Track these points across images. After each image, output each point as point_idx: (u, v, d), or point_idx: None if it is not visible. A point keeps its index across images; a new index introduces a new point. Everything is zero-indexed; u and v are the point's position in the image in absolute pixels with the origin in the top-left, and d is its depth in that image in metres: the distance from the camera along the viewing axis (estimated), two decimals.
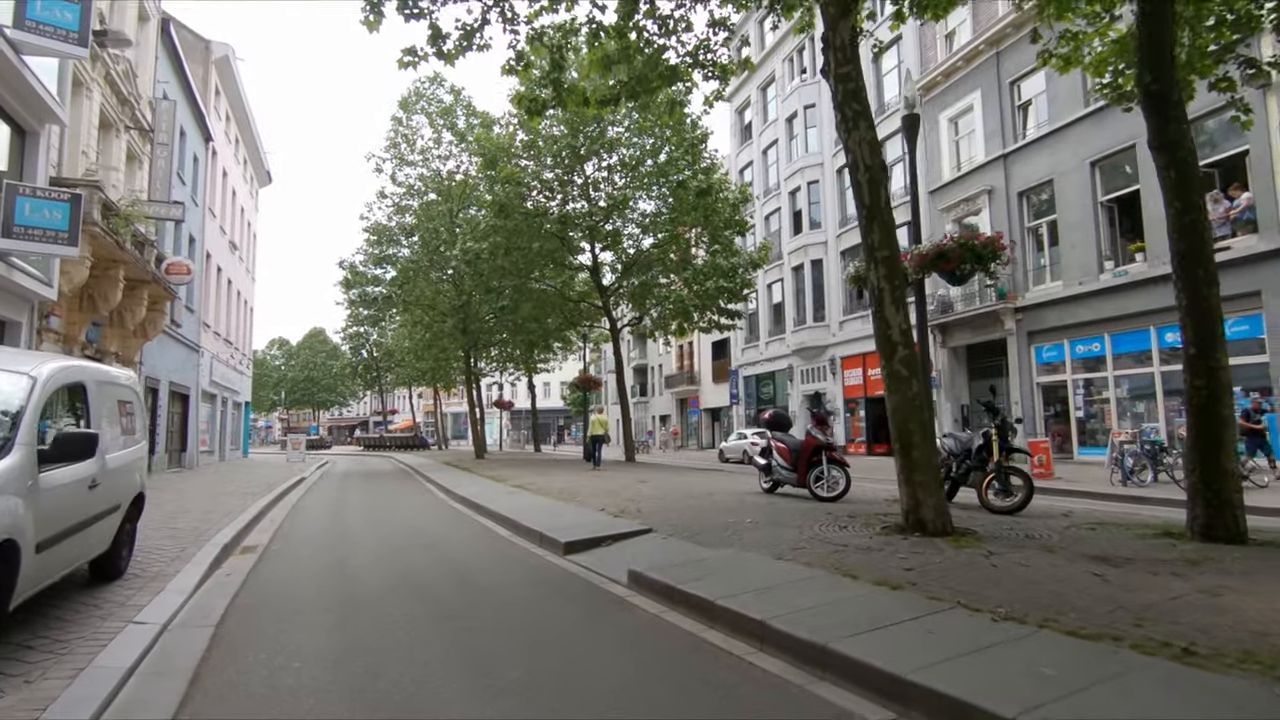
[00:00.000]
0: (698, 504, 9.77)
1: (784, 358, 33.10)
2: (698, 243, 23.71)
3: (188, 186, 22.73)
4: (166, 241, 20.22)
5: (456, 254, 21.70)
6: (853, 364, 28.63)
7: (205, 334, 25.84)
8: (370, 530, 9.59)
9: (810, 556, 5.80)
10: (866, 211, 6.78)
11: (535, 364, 34.12)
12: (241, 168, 32.21)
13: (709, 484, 13.48)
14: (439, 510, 11.87)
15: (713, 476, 16.17)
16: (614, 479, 15.11)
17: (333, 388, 70.83)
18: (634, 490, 12.18)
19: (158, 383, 19.79)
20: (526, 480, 15.27)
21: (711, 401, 41.37)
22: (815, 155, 30.85)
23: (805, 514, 8.20)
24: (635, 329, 29.09)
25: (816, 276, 30.62)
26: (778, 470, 10.33)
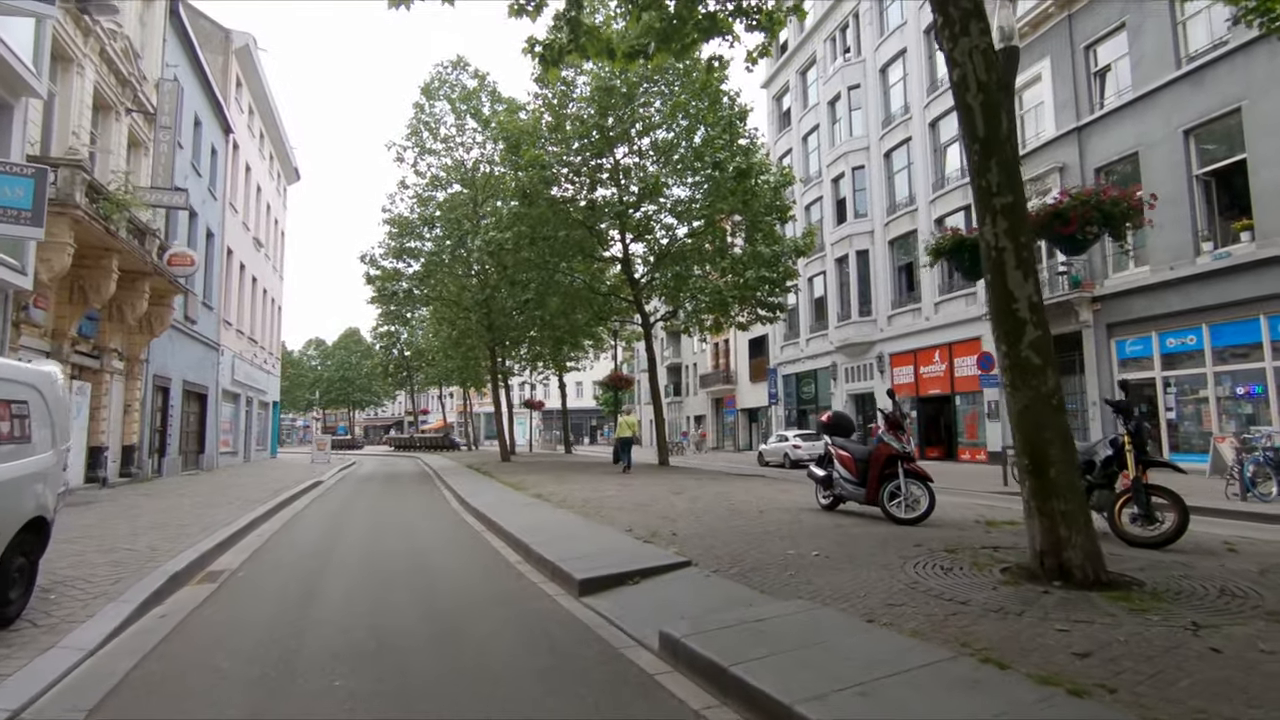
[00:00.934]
0: (745, 524, 8.08)
1: (826, 355, 31.09)
2: (735, 232, 21.94)
3: (204, 178, 21.81)
4: (179, 233, 19.24)
5: (479, 244, 20.31)
6: (902, 361, 26.53)
7: (226, 332, 24.97)
8: (360, 552, 8.12)
9: (917, 619, 4.09)
10: (980, 146, 5.02)
11: (564, 362, 32.64)
12: (267, 163, 31.45)
13: (754, 495, 11.75)
14: (447, 525, 10.39)
15: (755, 485, 14.43)
16: (645, 488, 13.48)
17: (367, 388, 70.64)
18: (667, 503, 10.52)
19: (168, 381, 18.80)
20: (548, 488, 13.74)
21: (748, 401, 39.48)
22: (860, 139, 28.82)
23: (886, 543, 6.45)
24: (669, 325, 27.38)
25: (862, 268, 28.58)
26: (840, 484, 8.58)
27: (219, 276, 23.84)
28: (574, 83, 20.36)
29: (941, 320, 24.26)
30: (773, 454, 26.76)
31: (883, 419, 8.31)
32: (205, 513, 10.89)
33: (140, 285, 14.88)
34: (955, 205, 23.65)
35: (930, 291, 24.90)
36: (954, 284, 24.08)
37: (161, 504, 11.98)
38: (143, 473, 16.94)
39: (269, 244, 32.40)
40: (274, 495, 14.34)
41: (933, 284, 24.78)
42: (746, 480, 15.86)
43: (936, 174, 24.96)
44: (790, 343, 34.73)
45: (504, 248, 20.06)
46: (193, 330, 20.78)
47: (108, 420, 15.25)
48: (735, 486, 13.64)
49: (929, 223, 24.95)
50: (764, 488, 13.47)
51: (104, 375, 14.79)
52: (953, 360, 24.01)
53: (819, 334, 31.97)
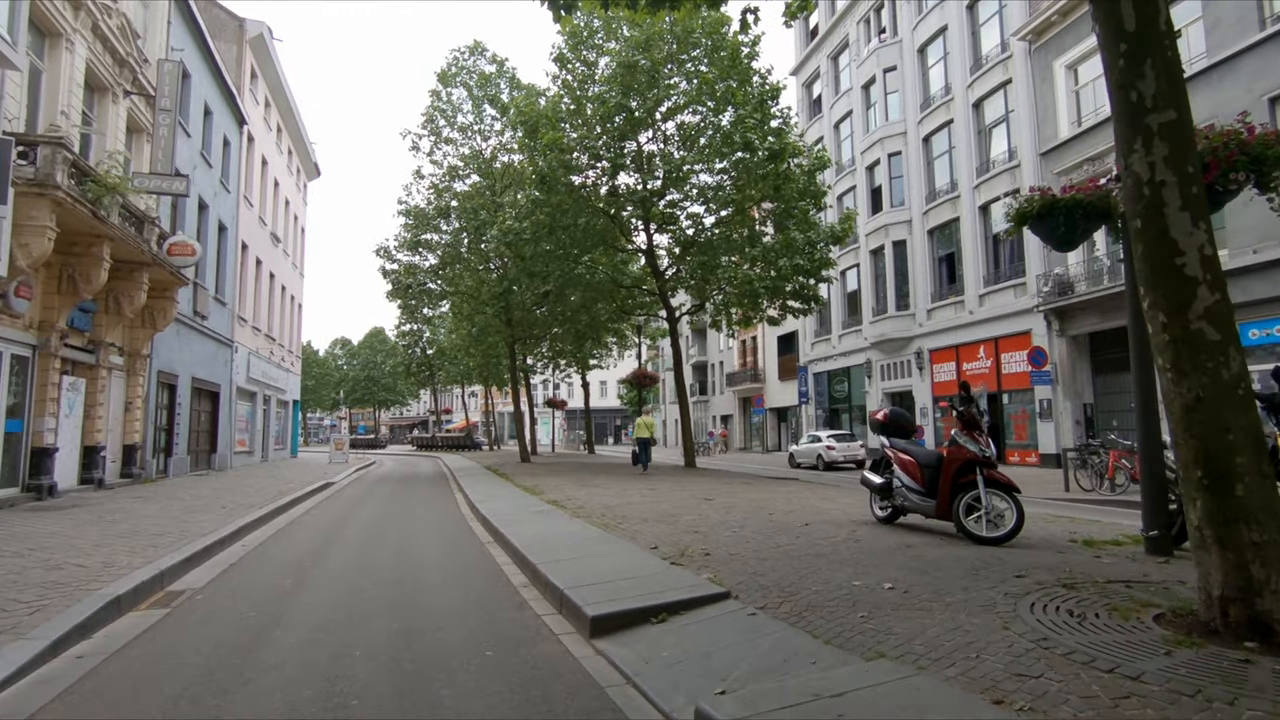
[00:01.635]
0: (791, 542, 6.81)
1: (860, 352, 29.56)
2: (766, 221, 20.61)
3: (215, 169, 21.08)
4: (187, 225, 18.48)
5: (495, 235, 19.23)
6: (943, 357, 24.94)
7: (241, 329, 24.28)
8: (344, 572, 7.02)
9: (1071, 703, 2.81)
10: (1128, 45, 3.69)
11: (587, 360, 31.51)
12: (285, 158, 30.83)
13: (794, 502, 10.45)
14: (451, 537, 9.27)
15: (793, 490, 13.11)
16: (671, 493, 12.24)
17: (392, 387, 70.43)
18: (697, 513, 9.28)
19: (175, 379, 18.03)
20: (566, 493, 12.57)
21: (778, 400, 38.02)
22: (897, 123, 27.27)
23: (975, 572, 5.14)
24: (694, 320, 26.09)
25: (899, 259, 27.03)
26: (902, 493, 7.26)
27: (233, 271, 23.13)
28: (595, 64, 19.22)
29: (987, 313, 22.65)
30: (805, 455, 25.37)
31: (954, 415, 6.97)
32: (192, 519, 9.91)
33: (138, 276, 14.05)
34: (1002, 190, 22.04)
35: (974, 283, 23.30)
36: (1000, 274, 22.47)
37: (150, 509, 11.05)
38: (146, 473, 16.15)
39: (288, 240, 31.80)
40: (277, 498, 13.39)
41: (977, 275, 23.18)
42: (782, 485, 14.54)
43: (981, 157, 23.35)
44: (821, 339, 33.23)
45: (522, 238, 18.97)
46: (203, 326, 20.04)
47: (105, 419, 14.45)
48: (772, 492, 12.33)
49: (973, 209, 23.37)
50: (804, 493, 12.14)
51: (100, 371, 13.97)
52: (999, 356, 22.39)
53: (852, 330, 30.44)
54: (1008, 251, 22.46)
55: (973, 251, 23.36)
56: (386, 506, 12.97)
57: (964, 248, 23.82)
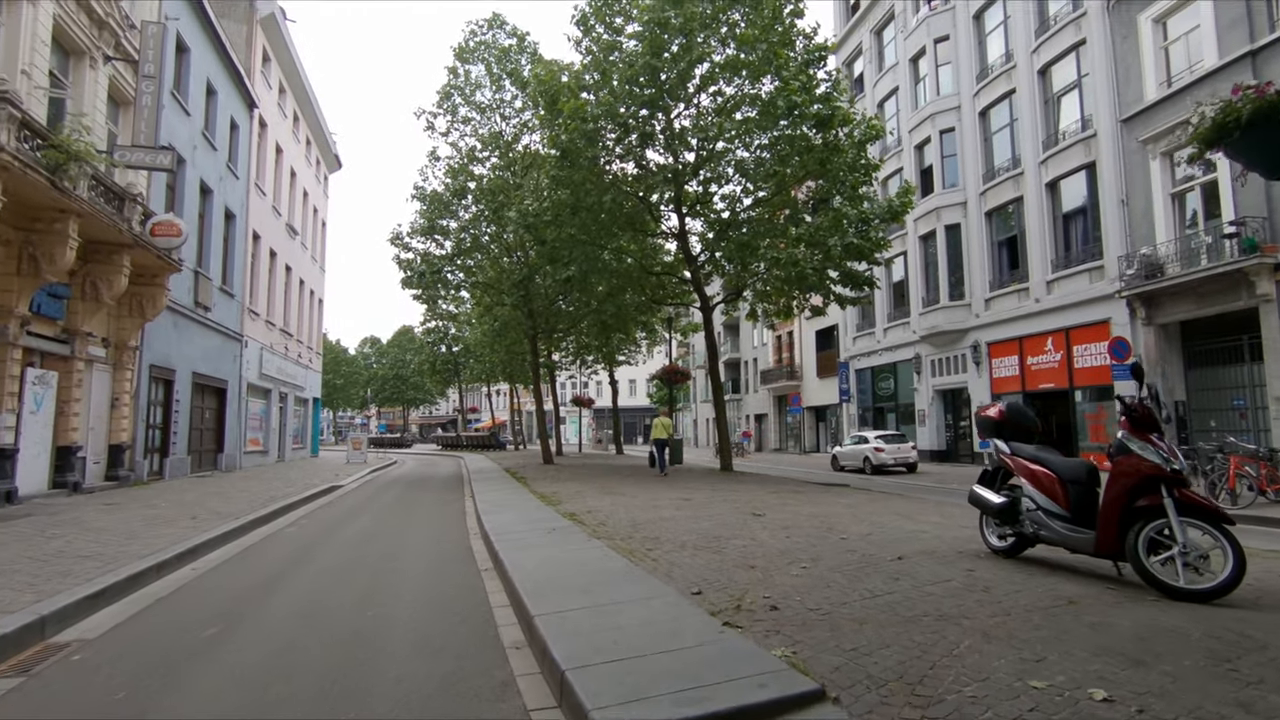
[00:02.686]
0: (888, 587, 4.88)
1: (908, 346, 27.28)
2: (809, 202, 18.58)
3: (220, 153, 19.77)
4: (186, 208, 17.15)
5: (513, 215, 17.53)
6: (1004, 350, 22.60)
7: (253, 322, 23.03)
8: (295, 615, 5.32)
9: None
10: None
11: (614, 355, 29.68)
12: (302, 148, 29.64)
13: (862, 518, 8.49)
14: (442, 561, 7.54)
15: (854, 501, 11.12)
16: (710, 504, 10.35)
17: (420, 386, 69.62)
18: (746, 534, 7.39)
19: (172, 373, 16.69)
20: (587, 503, 10.78)
21: (816, 399, 35.82)
22: (950, 97, 24.96)
23: (1231, 661, 3.19)
24: (728, 313, 24.24)
25: (952, 245, 24.74)
26: (1037, 519, 5.29)
27: (242, 262, 21.86)
28: (621, 29, 17.39)
29: (1056, 301, 20.29)
30: (849, 458, 23.27)
31: (1123, 411, 4.97)
32: (147, 534, 8.35)
33: (117, 259, 12.63)
34: (1075, 164, 19.68)
35: (1040, 268, 20.94)
36: (1071, 257, 20.11)
37: (108, 520, 9.53)
38: (136, 475, 14.80)
39: (307, 233, 30.63)
40: (266, 505, 11.86)
41: (1043, 259, 20.82)
42: (837, 494, 12.54)
43: (1048, 129, 21.00)
44: (864, 333, 30.97)
45: (542, 220, 17.24)
46: (206, 318, 18.72)
47: (84, 416, 13.08)
48: (829, 504, 10.36)
49: (1039, 187, 21.02)
50: (869, 506, 10.15)
51: (76, 363, 12.58)
52: (1070, 348, 20.03)
53: (898, 322, 28.16)
54: (1080, 231, 20.09)
55: (1039, 233, 21.02)
56: (384, 517, 11.31)
57: (1028, 229, 21.47)
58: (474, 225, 20.16)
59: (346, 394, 69.72)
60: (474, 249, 22.81)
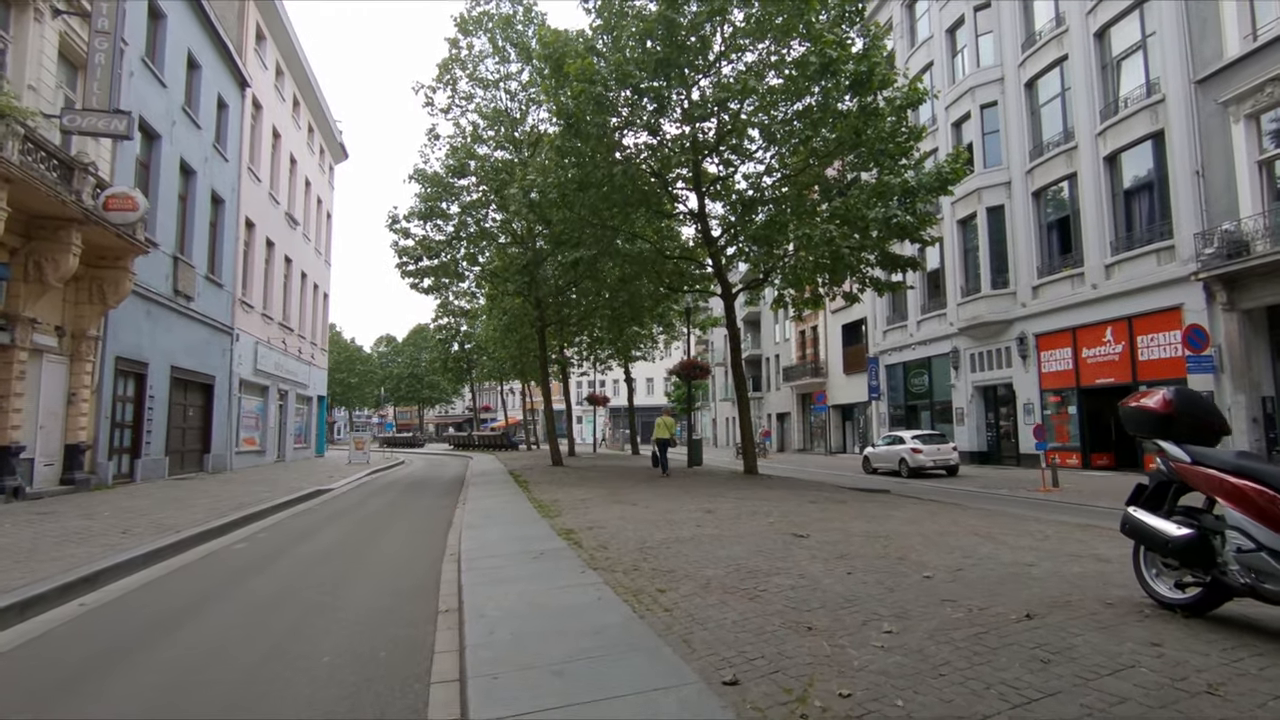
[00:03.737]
0: (1052, 685, 3.06)
1: (944, 339, 25.22)
2: (843, 177, 16.69)
3: (205, 131, 18.32)
4: (161, 189, 15.70)
5: (515, 193, 15.83)
6: (1055, 342, 20.50)
7: (246, 315, 21.60)
8: (170, 681, 3.64)
9: None
10: None
11: (628, 349, 27.86)
12: (304, 135, 28.24)
13: (934, 540, 6.64)
14: (396, 595, 5.85)
15: (912, 514, 9.22)
16: (737, 518, 8.54)
17: (435, 384, 68.43)
18: (792, 566, 5.58)
19: (143, 367, 15.22)
20: (590, 516, 9.03)
21: (842, 396, 33.77)
22: (990, 70, 22.90)
23: None
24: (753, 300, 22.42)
25: (995, 229, 22.67)
26: (1255, 562, 3.45)
27: (233, 250, 20.43)
28: None
29: (1116, 286, 18.19)
30: (883, 459, 21.31)
31: None
32: (57, 552, 6.79)
33: (64, 235, 11.12)
34: (1139, 133, 17.57)
35: (1097, 250, 18.83)
36: (1135, 237, 17.99)
37: (22, 534, 7.97)
38: (99, 478, 13.32)
39: (310, 224, 29.25)
40: (231, 513, 10.31)
41: (1101, 241, 18.72)
42: (885, 503, 10.65)
43: (1107, 97, 18.88)
44: (895, 326, 28.90)
45: (547, 198, 15.52)
46: (188, 308, 17.26)
47: (32, 412, 11.60)
48: (884, 518, 8.49)
49: (1095, 161, 18.93)
50: (934, 521, 8.26)
51: (17, 353, 11.09)
52: (1133, 339, 17.91)
53: (934, 314, 26.09)
54: (1146, 208, 17.96)
55: (1096, 212, 18.91)
56: (355, 530, 9.65)
57: (1084, 208, 19.36)
58: (476, 209, 18.44)
59: (361, 393, 68.70)
60: (480, 237, 21.15)
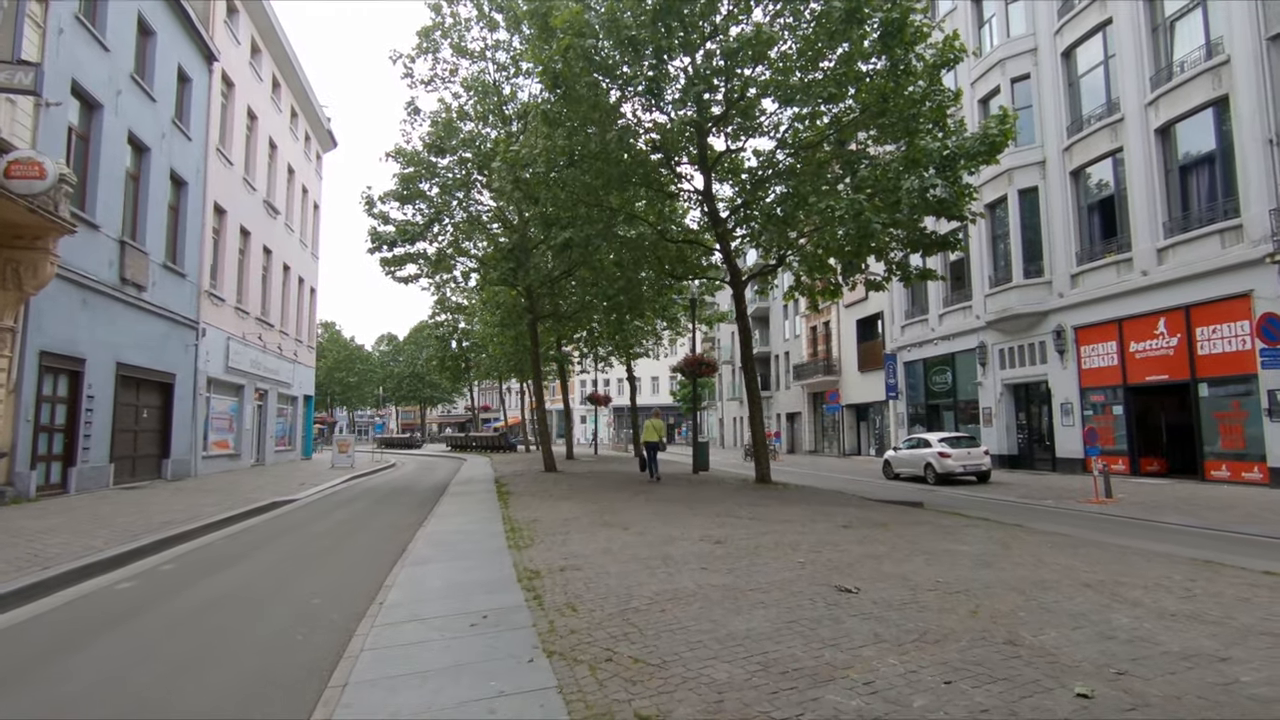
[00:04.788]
0: None
1: (970, 334, 23.20)
2: (867, 145, 14.75)
3: (162, 105, 16.51)
4: (101, 167, 13.89)
5: (498, 166, 13.95)
6: (1097, 335, 18.48)
7: (215, 309, 19.80)
8: None
9: None
10: None
11: (628, 344, 25.90)
12: (285, 118, 26.43)
13: (1044, 601, 4.69)
14: (275, 682, 3.95)
15: (980, 546, 7.25)
16: (756, 554, 6.60)
17: (437, 384, 66.68)
18: (860, 668, 3.63)
19: (81, 363, 13.40)
20: (568, 546, 7.12)
21: (857, 395, 31.75)
22: (1022, 39, 20.88)
23: None
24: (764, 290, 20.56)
25: (1027, 212, 20.65)
26: None
27: (197, 237, 18.62)
28: None
29: (1171, 272, 16.16)
30: (906, 464, 19.34)
31: None
32: None
33: None
34: (1199, 100, 15.54)
35: (1148, 233, 16.80)
36: (1193, 217, 15.95)
37: None
38: (18, 490, 11.51)
39: (293, 215, 27.45)
40: (144, 535, 8.50)
41: (1152, 222, 16.68)
42: (933, 524, 8.69)
43: (1159, 62, 16.84)
44: (915, 320, 26.88)
45: (536, 173, 13.62)
46: (139, 299, 15.46)
47: None
48: (954, 558, 6.47)
49: (1145, 134, 16.90)
50: (1015, 558, 6.30)
51: None
52: (1191, 331, 15.88)
53: (958, 307, 24.06)
54: (1205, 184, 15.92)
55: (1146, 190, 16.87)
56: (279, 564, 7.74)
57: (1131, 187, 17.34)
58: (458, 189, 16.48)
59: (361, 392, 67.03)
60: (471, 227, 19.23)
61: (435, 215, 16.56)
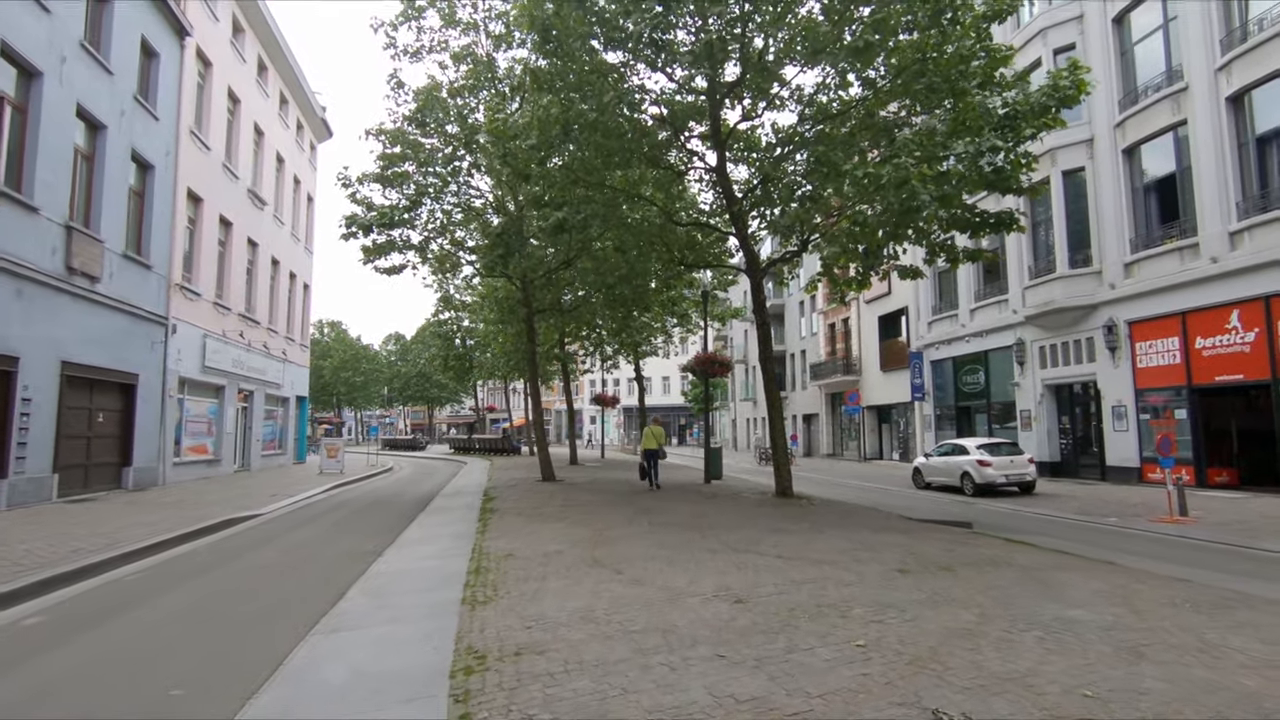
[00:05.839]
0: None
1: (1006, 329, 21.22)
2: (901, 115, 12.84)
3: (121, 79, 14.93)
4: (42, 138, 12.30)
5: (482, 139, 12.24)
6: (1155, 330, 16.48)
7: (189, 303, 18.24)
8: None
9: None
10: None
11: (634, 340, 24.01)
12: (273, 104, 24.86)
13: None
14: None
15: (1120, 615, 5.41)
16: (801, 633, 4.79)
17: (444, 384, 65.25)
18: None
19: (14, 361, 11.79)
20: (539, 604, 5.33)
21: (879, 396, 29.77)
22: (1066, 6, 19.00)
23: None
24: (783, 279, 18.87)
25: (1074, 196, 18.69)
26: None
27: (167, 226, 17.05)
28: None
29: (1247, 258, 14.15)
30: (940, 473, 17.44)
31: None
32: None
33: None
34: (1275, 63, 13.54)
35: (1217, 214, 14.80)
36: (1273, 196, 13.92)
37: None
38: None
39: (284, 206, 25.90)
40: (40, 570, 6.85)
41: (1223, 202, 14.69)
42: (1009, 561, 6.81)
43: (1229, 23, 14.84)
44: (942, 316, 24.91)
45: (527, 145, 11.83)
46: (91, 291, 13.87)
47: None
48: (1078, 631, 4.65)
49: (1214, 103, 14.91)
50: (1165, 616, 4.47)
51: None
52: (1272, 324, 13.89)
53: (992, 301, 22.08)
54: None
55: (1215, 167, 14.88)
56: (154, 631, 6.02)
57: (1197, 163, 15.34)
58: (443, 165, 14.69)
59: (368, 392, 65.70)
60: (468, 219, 17.46)
61: (417, 198, 14.82)
